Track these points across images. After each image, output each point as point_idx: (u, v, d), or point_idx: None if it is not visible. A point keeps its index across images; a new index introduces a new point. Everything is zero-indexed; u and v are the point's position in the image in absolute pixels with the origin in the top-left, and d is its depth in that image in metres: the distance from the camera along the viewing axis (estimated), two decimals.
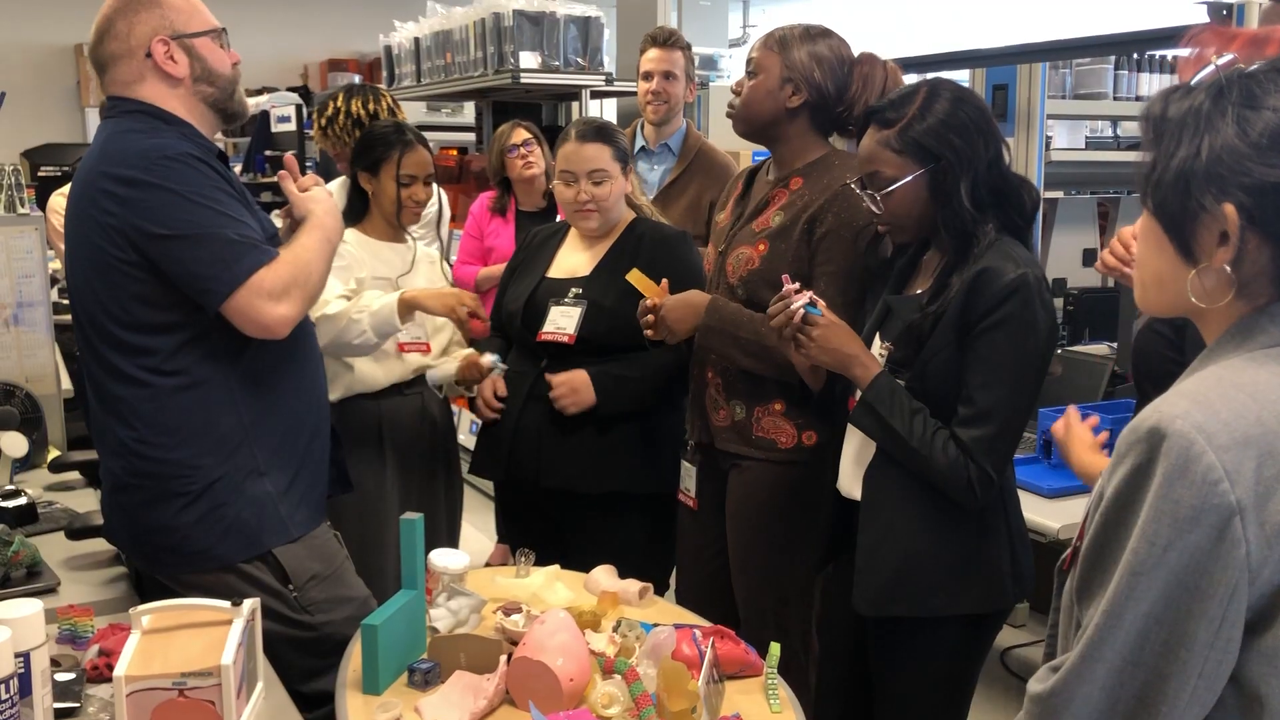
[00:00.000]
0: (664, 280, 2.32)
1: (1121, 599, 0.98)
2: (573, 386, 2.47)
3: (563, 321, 2.51)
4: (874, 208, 1.90)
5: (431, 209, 3.51)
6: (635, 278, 2.30)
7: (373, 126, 2.89)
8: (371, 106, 3.33)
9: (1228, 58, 1.05)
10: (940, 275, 1.87)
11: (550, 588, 2.03)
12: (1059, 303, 3.75)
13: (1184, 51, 1.20)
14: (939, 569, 1.86)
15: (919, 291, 1.92)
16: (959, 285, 1.80)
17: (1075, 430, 1.78)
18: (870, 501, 1.92)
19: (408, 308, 2.50)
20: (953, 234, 1.84)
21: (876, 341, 1.95)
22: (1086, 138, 4.44)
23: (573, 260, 2.64)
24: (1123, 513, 0.99)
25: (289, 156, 2.07)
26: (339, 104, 3.30)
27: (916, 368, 1.84)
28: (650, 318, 2.28)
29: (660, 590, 2.39)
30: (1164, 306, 1.12)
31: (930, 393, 1.83)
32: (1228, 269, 1.02)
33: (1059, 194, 3.98)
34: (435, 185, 3.57)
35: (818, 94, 2.21)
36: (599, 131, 2.57)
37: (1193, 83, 1.06)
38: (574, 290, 2.54)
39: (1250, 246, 1.01)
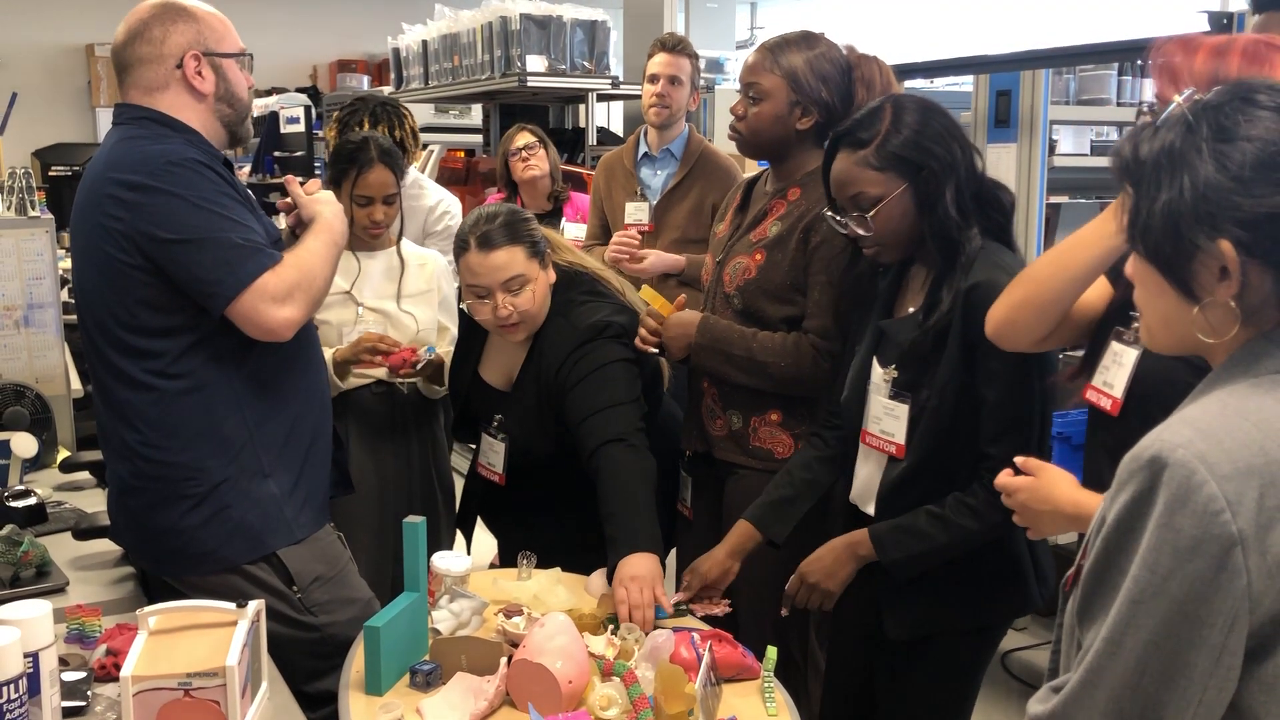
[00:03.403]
0: (680, 297, 2.31)
1: (1122, 626, 0.98)
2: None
3: (492, 456, 2.40)
4: (860, 230, 1.87)
5: (450, 221, 3.54)
6: (648, 294, 2.28)
7: (343, 139, 2.83)
8: (398, 134, 3.33)
9: (1188, 92, 1.05)
10: (931, 289, 1.86)
11: (551, 590, 2.05)
12: None
13: (1152, 63, 1.19)
14: (967, 585, 1.87)
15: (911, 310, 1.92)
16: (952, 299, 1.80)
17: (1049, 471, 1.45)
18: None
19: (337, 365, 2.56)
20: (939, 244, 1.84)
21: (878, 369, 1.94)
22: (1091, 142, 4.45)
23: (501, 356, 2.44)
24: (1124, 539, 0.99)
25: (289, 176, 2.12)
26: (366, 129, 3.31)
27: (935, 389, 1.83)
28: (652, 336, 2.27)
29: None
30: (1173, 346, 1.11)
31: (948, 413, 1.82)
32: (1232, 303, 1.02)
33: (1063, 199, 3.98)
34: (444, 192, 3.61)
35: (827, 113, 2.20)
36: (505, 231, 2.21)
37: (1158, 122, 1.06)
38: (497, 418, 2.40)
39: (1252, 277, 1.01)
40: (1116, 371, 1.48)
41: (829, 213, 1.95)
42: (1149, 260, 1.07)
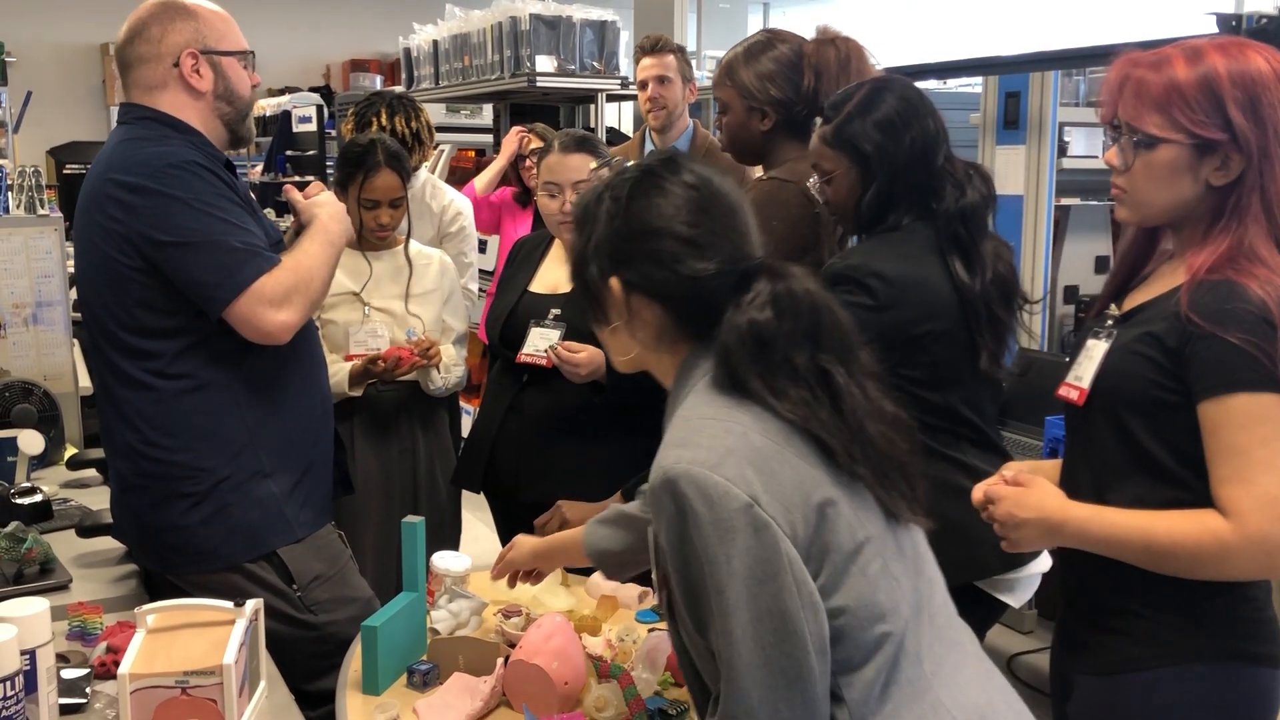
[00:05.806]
0: None
1: (726, 617, 1.14)
2: (594, 364, 2.34)
3: (542, 344, 2.46)
4: (819, 195, 2.02)
5: (464, 223, 3.55)
6: None
7: (350, 142, 2.85)
8: (414, 125, 3.36)
9: (615, 159, 1.24)
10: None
11: (551, 591, 2.06)
12: (1070, 309, 3.73)
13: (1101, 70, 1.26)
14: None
15: None
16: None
17: (1041, 482, 1.46)
18: None
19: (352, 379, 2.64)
20: (858, 230, 1.98)
21: None
22: (1103, 144, 4.43)
23: (555, 274, 2.58)
24: (683, 550, 1.17)
25: (288, 185, 2.15)
26: (383, 121, 3.32)
27: None
28: None
29: None
30: (623, 365, 1.38)
31: None
32: (622, 324, 1.32)
33: (1074, 200, 3.96)
34: (455, 193, 3.62)
35: (783, 109, 2.30)
36: (582, 142, 2.53)
37: (592, 184, 1.38)
38: (554, 311, 2.48)
39: (640, 307, 1.30)
40: (1087, 365, 1.53)
41: (810, 183, 2.07)
42: (580, 292, 1.38)
